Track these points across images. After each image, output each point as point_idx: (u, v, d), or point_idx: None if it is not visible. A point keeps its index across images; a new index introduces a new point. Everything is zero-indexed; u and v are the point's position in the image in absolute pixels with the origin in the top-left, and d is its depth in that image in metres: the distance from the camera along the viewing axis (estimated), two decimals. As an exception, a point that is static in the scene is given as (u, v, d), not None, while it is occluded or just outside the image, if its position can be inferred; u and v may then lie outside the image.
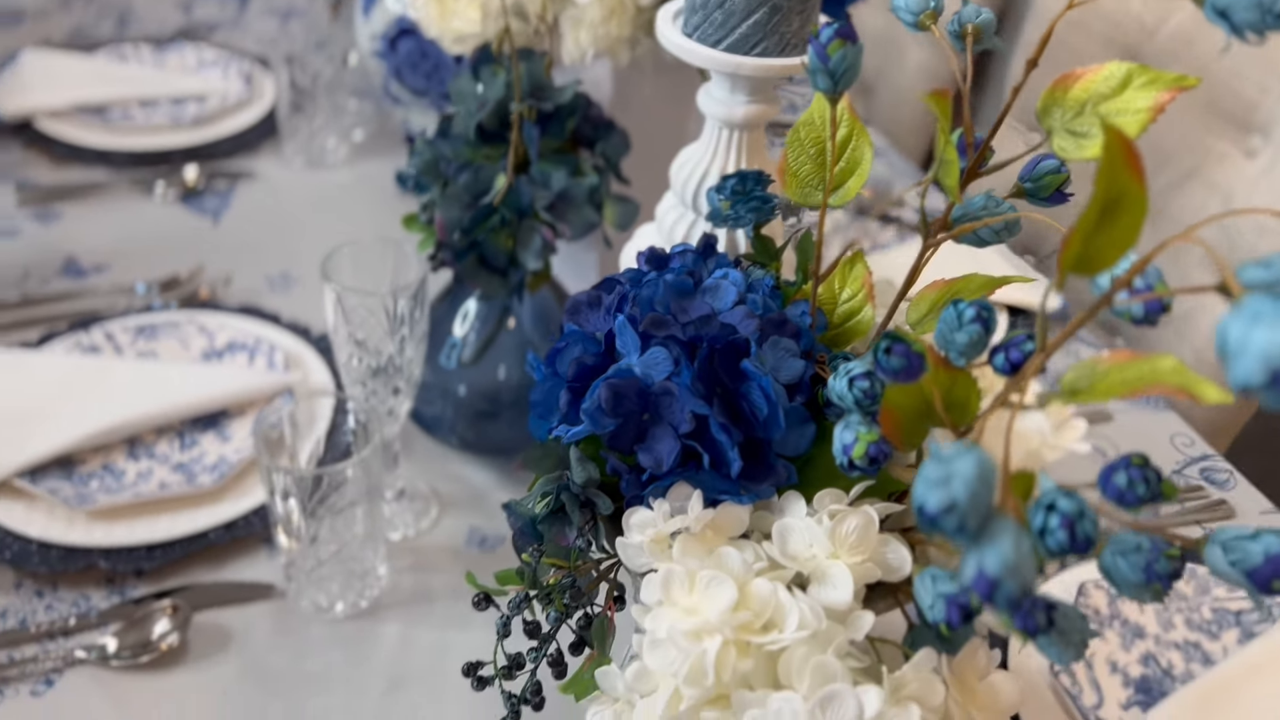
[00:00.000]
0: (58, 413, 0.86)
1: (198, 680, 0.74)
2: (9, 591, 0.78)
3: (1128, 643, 0.79)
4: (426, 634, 0.78)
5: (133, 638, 0.74)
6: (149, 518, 0.81)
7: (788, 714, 0.45)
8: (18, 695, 0.71)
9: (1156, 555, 0.44)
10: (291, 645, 0.76)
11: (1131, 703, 0.75)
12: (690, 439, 0.52)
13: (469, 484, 0.90)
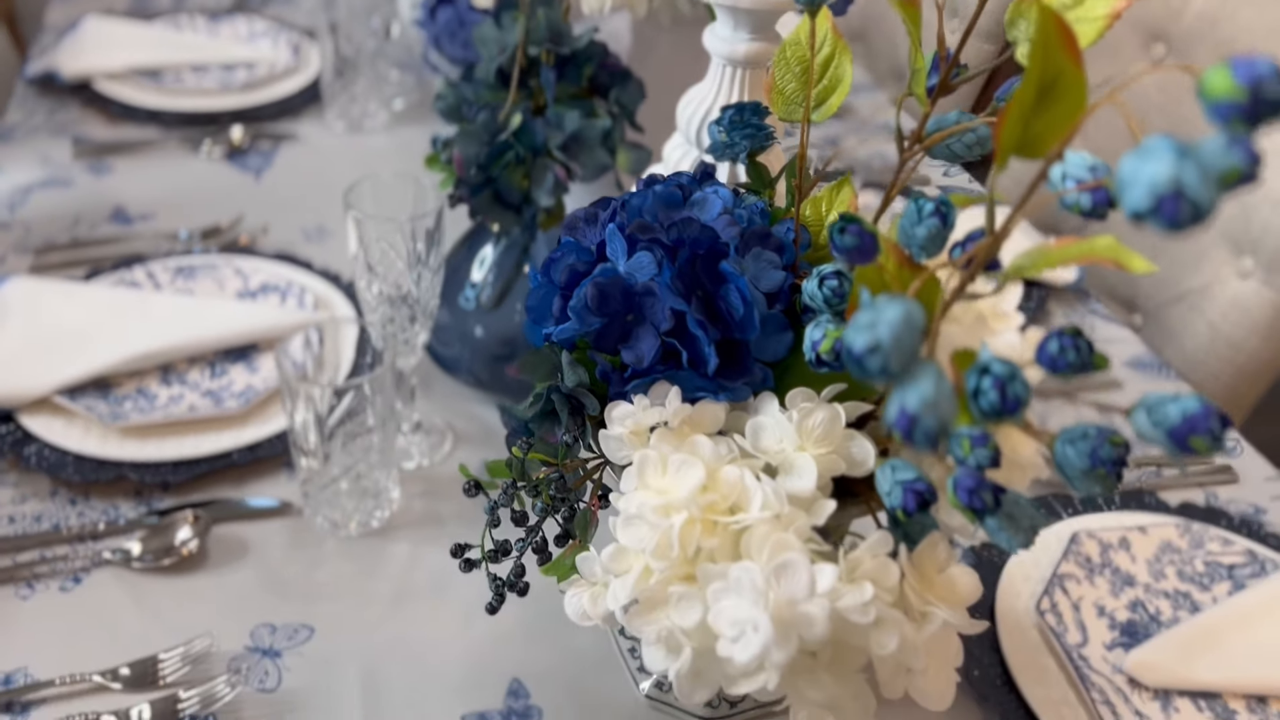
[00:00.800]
0: (98, 338, 0.91)
1: (214, 584, 0.78)
2: (44, 499, 0.83)
3: (1117, 589, 0.80)
4: (434, 554, 0.82)
5: (156, 542, 0.79)
6: (176, 437, 0.86)
7: (746, 582, 0.48)
8: (48, 590, 0.76)
9: (1101, 442, 0.46)
10: (305, 557, 0.80)
11: (1116, 644, 0.76)
12: (671, 337, 0.55)
13: (483, 422, 0.94)
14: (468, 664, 0.74)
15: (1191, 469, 0.95)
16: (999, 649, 0.75)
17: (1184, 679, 0.73)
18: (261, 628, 0.75)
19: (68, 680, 0.69)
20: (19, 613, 0.74)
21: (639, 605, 0.52)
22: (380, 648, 0.74)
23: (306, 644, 0.74)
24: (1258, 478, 0.95)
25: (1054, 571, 0.79)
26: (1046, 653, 0.75)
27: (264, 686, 0.71)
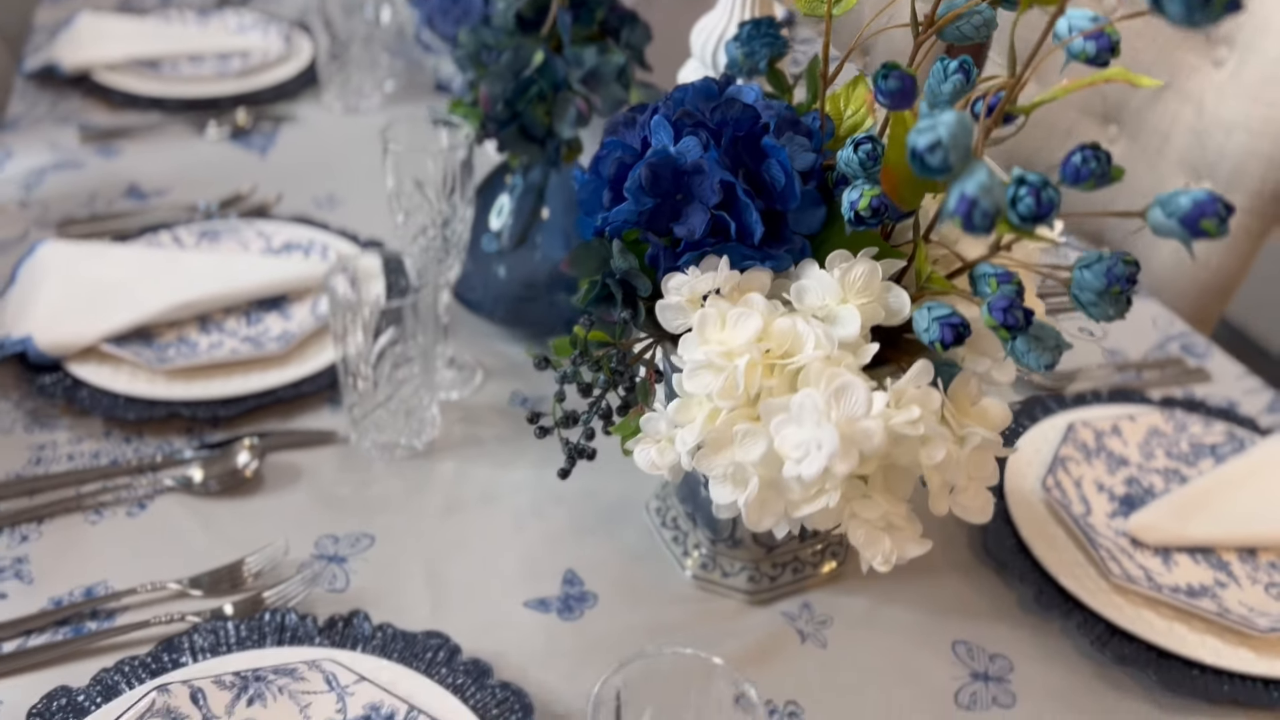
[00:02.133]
0: (136, 291, 0.95)
1: (274, 505, 0.82)
2: (99, 439, 0.86)
3: (1113, 468, 0.87)
4: (478, 471, 0.86)
5: (216, 468, 0.83)
6: (222, 378, 0.90)
7: (808, 406, 0.54)
8: (115, 516, 0.80)
9: (1115, 261, 0.52)
10: (356, 479, 0.85)
11: (1116, 514, 0.83)
12: (719, 210, 0.61)
13: (509, 357, 0.99)
14: (523, 560, 0.79)
15: (1169, 370, 1.02)
16: (1011, 523, 0.81)
17: (1181, 536, 0.80)
18: (324, 539, 0.79)
19: (149, 588, 0.73)
20: (90, 536, 0.78)
21: (706, 448, 0.58)
22: (439, 551, 0.79)
23: (368, 551, 0.79)
24: (1229, 377, 1.03)
25: (1055, 455, 0.86)
26: (1054, 523, 0.81)
27: (334, 588, 0.76)
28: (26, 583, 0.74)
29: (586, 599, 0.76)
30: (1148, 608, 0.75)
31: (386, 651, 0.69)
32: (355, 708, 0.64)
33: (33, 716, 0.63)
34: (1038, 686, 0.72)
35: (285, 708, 0.64)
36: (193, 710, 0.63)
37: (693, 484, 0.77)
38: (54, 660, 0.68)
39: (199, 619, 0.71)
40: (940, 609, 0.77)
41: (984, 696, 0.71)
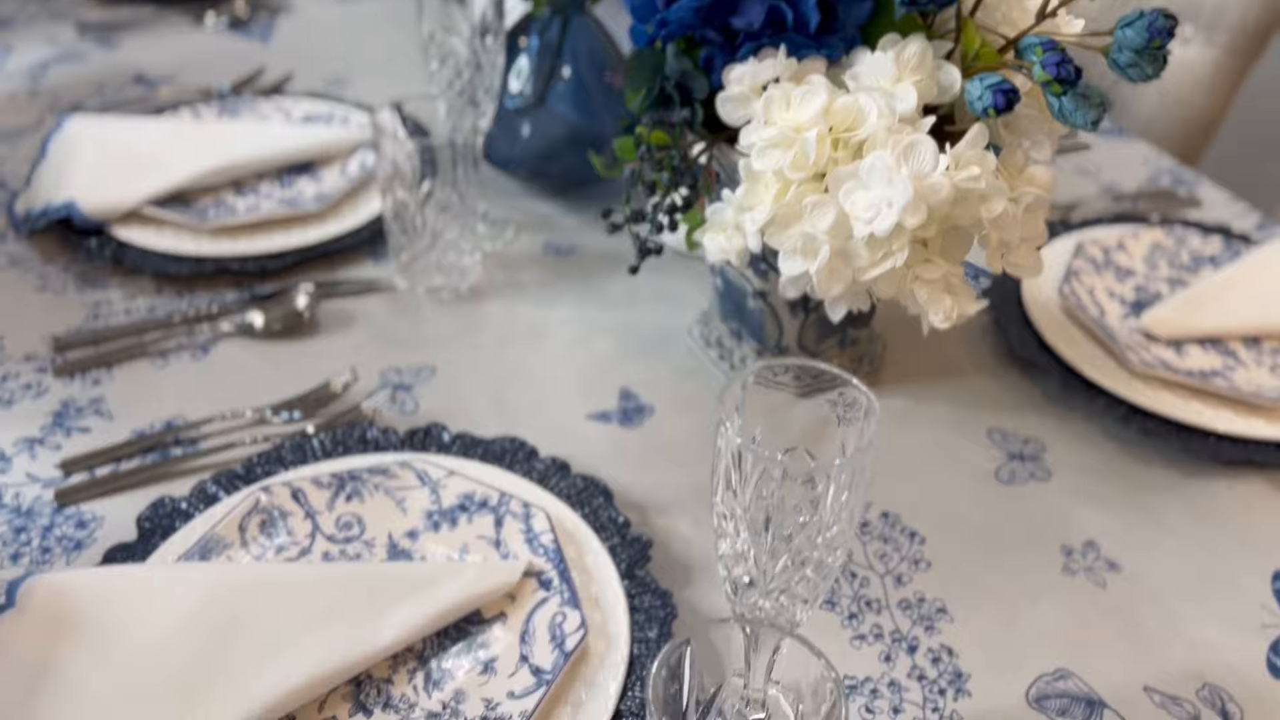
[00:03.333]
0: (169, 157, 0.96)
1: (333, 345, 0.85)
2: (152, 295, 0.88)
3: (1121, 278, 0.92)
4: (524, 311, 0.90)
5: (276, 311, 0.85)
6: (264, 235, 0.92)
7: (878, 167, 0.58)
8: (180, 360, 0.82)
9: (1156, 15, 0.56)
10: (409, 321, 0.88)
11: (1128, 315, 0.89)
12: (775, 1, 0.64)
13: (538, 212, 1.02)
14: (579, 381, 0.83)
15: (1162, 199, 1.08)
16: (1032, 326, 0.86)
17: (1192, 328, 0.86)
18: (388, 371, 0.82)
19: (227, 416, 0.76)
20: (159, 379, 0.80)
21: (776, 224, 0.62)
22: (498, 377, 0.83)
23: (432, 380, 0.82)
24: (1218, 203, 1.09)
25: (1068, 268, 0.91)
26: (1072, 325, 0.87)
27: (404, 411, 0.79)
28: (107, 419, 0.76)
29: (644, 410, 0.81)
30: (1166, 390, 0.81)
31: (468, 455, 0.72)
32: (449, 498, 0.68)
33: (142, 522, 0.66)
34: (1070, 463, 0.78)
35: (382, 502, 0.68)
36: (295, 507, 0.67)
37: (738, 299, 0.81)
38: (147, 481, 0.71)
39: (282, 440, 0.74)
40: (972, 405, 0.83)
41: (1021, 472, 0.77)
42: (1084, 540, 0.72)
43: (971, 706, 0.61)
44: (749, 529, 0.48)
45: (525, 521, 0.66)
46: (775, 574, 0.49)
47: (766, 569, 0.49)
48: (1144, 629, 0.66)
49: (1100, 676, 0.63)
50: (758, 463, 0.46)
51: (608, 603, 0.63)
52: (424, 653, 0.60)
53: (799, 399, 0.53)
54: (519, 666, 0.59)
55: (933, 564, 0.70)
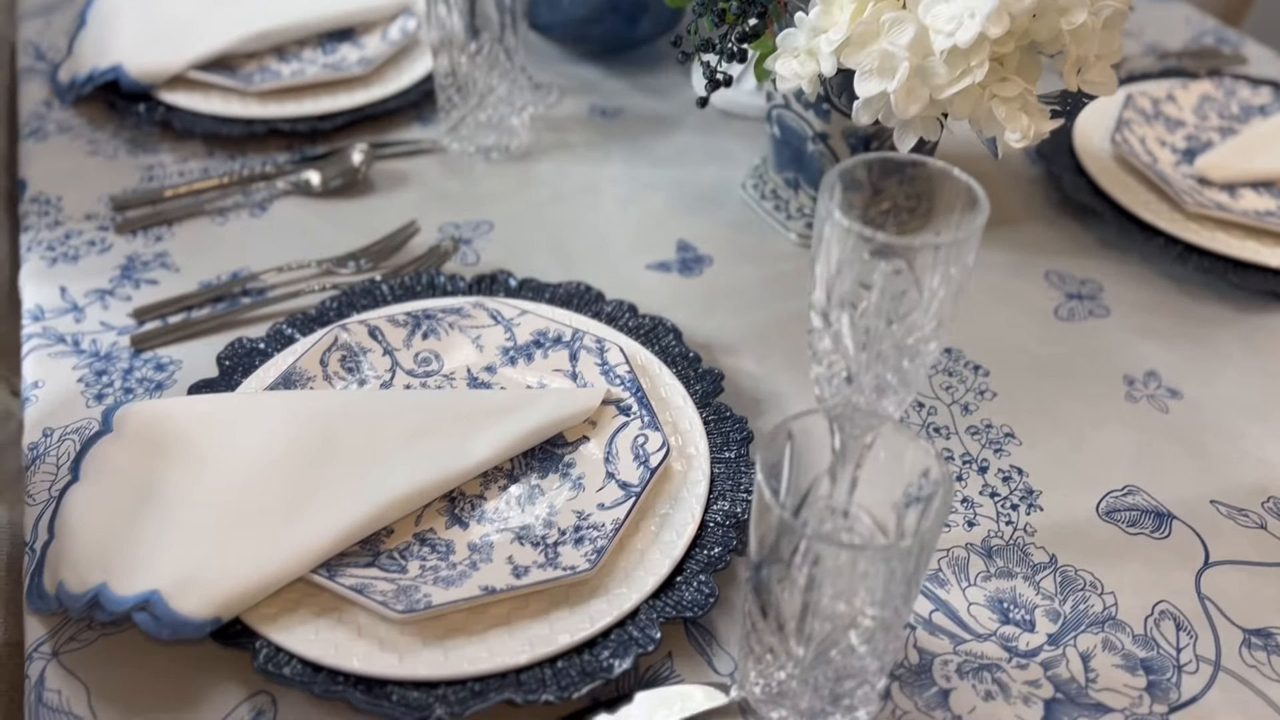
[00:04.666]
0: (212, 24, 0.95)
1: (389, 202, 0.85)
2: (204, 158, 0.88)
3: (1172, 129, 0.92)
4: (574, 169, 0.90)
5: (332, 169, 0.85)
6: (312, 99, 0.92)
7: (960, -23, 0.57)
8: (239, 218, 0.82)
9: None
10: (462, 179, 0.88)
11: (1180, 163, 0.89)
12: None
13: (581, 77, 1.01)
14: (635, 234, 0.83)
15: (1206, 57, 1.07)
16: (1085, 174, 0.86)
17: (1245, 171, 0.86)
18: (446, 225, 0.83)
19: (293, 266, 0.76)
20: (220, 235, 0.81)
21: (852, 43, 0.62)
22: (556, 230, 0.83)
23: (490, 234, 0.82)
24: (1263, 59, 1.08)
25: (1118, 118, 0.91)
26: (1125, 172, 0.87)
27: (466, 263, 0.80)
28: (174, 271, 0.77)
29: (703, 260, 0.81)
30: (1220, 230, 0.81)
31: (536, 298, 0.73)
32: (523, 335, 0.69)
33: (222, 360, 0.67)
34: (1127, 301, 0.79)
35: (458, 339, 0.69)
36: (373, 344, 0.67)
37: (796, 145, 0.81)
38: (220, 327, 0.72)
39: (351, 286, 0.75)
40: (1028, 249, 0.83)
41: (1080, 310, 0.78)
42: (1145, 371, 0.73)
43: (1043, 519, 0.63)
44: (847, 318, 0.48)
45: (600, 355, 0.67)
46: (869, 365, 0.50)
47: (861, 361, 0.50)
48: (1208, 450, 0.68)
49: (1167, 492, 0.65)
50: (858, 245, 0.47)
51: (685, 428, 0.64)
52: (513, 471, 0.62)
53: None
54: (606, 482, 0.60)
55: (998, 394, 0.71)
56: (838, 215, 0.46)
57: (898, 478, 0.50)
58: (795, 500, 0.52)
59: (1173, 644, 0.57)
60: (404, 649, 0.52)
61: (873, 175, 0.50)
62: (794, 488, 0.51)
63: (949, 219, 0.50)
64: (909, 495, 0.50)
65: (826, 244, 0.48)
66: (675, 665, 0.55)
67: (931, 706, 0.53)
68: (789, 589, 0.46)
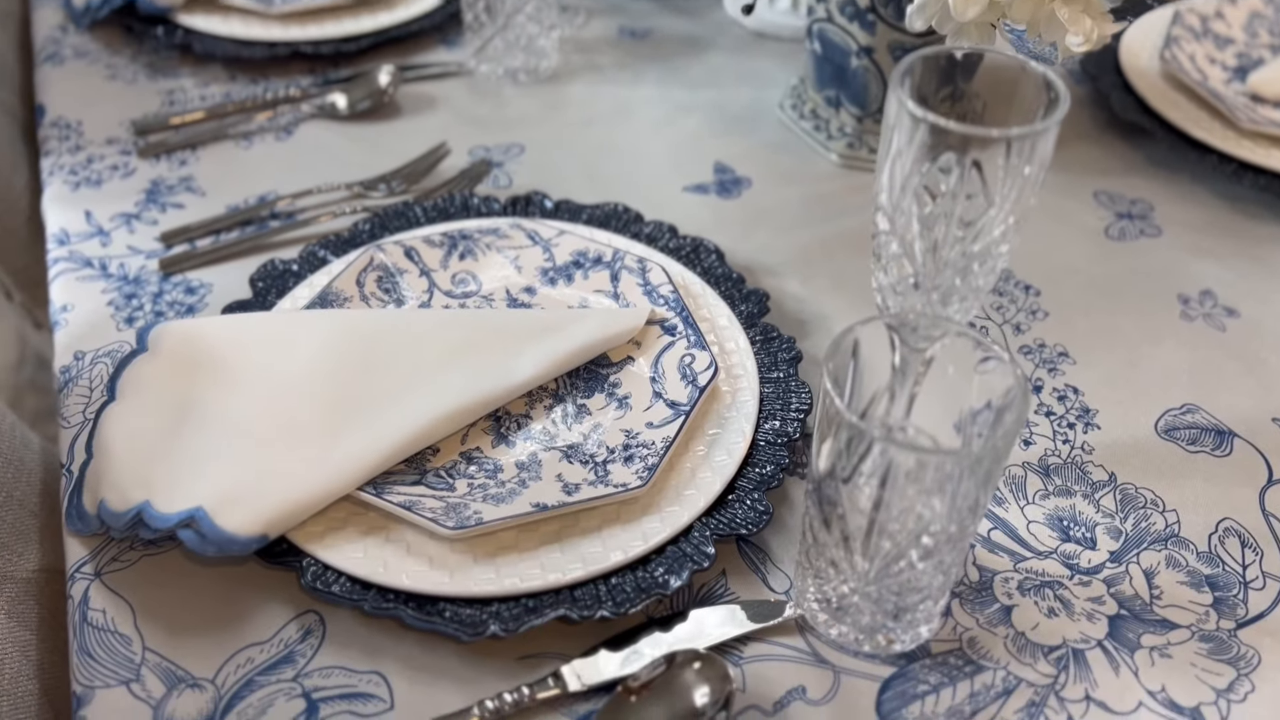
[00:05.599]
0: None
1: (417, 126, 0.83)
2: (226, 83, 0.86)
3: (1221, 47, 0.89)
4: (606, 90, 0.87)
5: (358, 92, 0.83)
6: (334, 21, 0.89)
7: None
8: (265, 142, 0.80)
9: None
10: (491, 102, 0.85)
11: (1231, 80, 0.86)
12: None
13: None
14: (671, 156, 0.81)
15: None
16: (1134, 93, 0.84)
17: (1299, 85, 0.83)
18: (476, 148, 0.81)
19: (323, 189, 0.74)
20: (246, 158, 0.79)
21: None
22: (589, 153, 0.81)
23: (521, 156, 0.80)
24: (1311, -21, 1.05)
25: (1167, 35, 0.88)
26: (1174, 90, 0.84)
27: (498, 185, 0.77)
28: (200, 195, 0.75)
29: (741, 182, 0.79)
30: (1275, 147, 0.79)
31: (574, 219, 0.71)
32: (562, 255, 0.67)
33: (255, 282, 0.65)
34: (1179, 221, 0.77)
35: (496, 260, 0.67)
36: (409, 265, 0.66)
37: (839, 61, 0.78)
38: (249, 251, 0.70)
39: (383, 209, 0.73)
40: (1077, 170, 0.81)
41: (1131, 230, 0.76)
42: (1200, 289, 0.71)
43: (1101, 438, 0.61)
44: (916, 220, 0.46)
45: (642, 275, 0.65)
46: (938, 270, 0.48)
47: (930, 267, 0.48)
48: (1269, 367, 0.66)
49: (1228, 410, 0.63)
50: (929, 139, 0.45)
51: (731, 347, 0.62)
52: (558, 391, 0.60)
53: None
54: (654, 401, 0.59)
55: (1050, 313, 0.69)
56: (911, 105, 0.44)
57: (963, 390, 0.48)
58: (855, 415, 0.50)
59: (1239, 561, 0.55)
60: (454, 566, 0.51)
61: (942, 68, 0.48)
62: (855, 402, 0.49)
63: (1022, 117, 0.48)
64: (975, 408, 0.48)
65: (896, 139, 0.46)
66: (730, 583, 0.53)
67: (994, 623, 0.52)
68: (855, 500, 0.45)
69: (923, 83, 0.48)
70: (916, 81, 0.47)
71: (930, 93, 0.49)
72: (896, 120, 0.46)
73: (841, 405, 0.43)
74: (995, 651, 0.51)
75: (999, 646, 0.51)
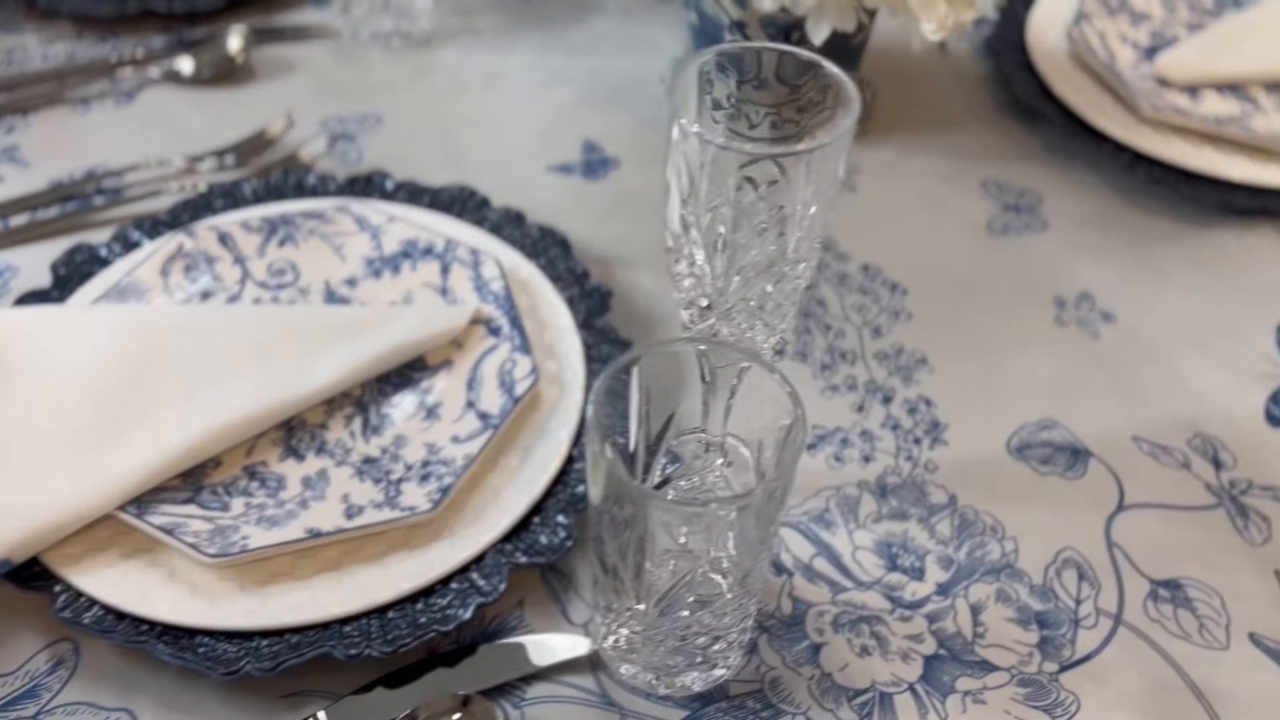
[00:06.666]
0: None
1: (270, 93, 0.77)
2: (72, 40, 0.80)
3: (1135, 23, 0.84)
4: (480, 56, 0.82)
5: (207, 56, 0.78)
6: (193, -24, 0.83)
7: None
8: (103, 107, 0.75)
9: None
10: (354, 67, 0.80)
11: (1141, 61, 0.81)
12: None
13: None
14: (539, 131, 0.76)
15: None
16: (1036, 74, 0.79)
17: (1209, 73, 0.79)
18: (330, 119, 0.76)
19: (153, 164, 0.70)
20: (80, 125, 0.74)
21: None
22: (451, 126, 0.76)
23: (377, 128, 0.75)
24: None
25: (1078, 11, 0.83)
26: (1079, 71, 0.79)
27: (347, 161, 0.73)
28: (23, 166, 0.70)
29: (609, 163, 0.74)
30: (1176, 136, 0.74)
31: (413, 203, 0.66)
32: (391, 244, 0.62)
33: (57, 268, 0.61)
34: (1068, 214, 0.72)
35: (318, 248, 0.62)
36: (222, 252, 0.61)
37: (714, 34, 0.73)
38: (67, 230, 0.66)
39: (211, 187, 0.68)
40: (967, 156, 0.76)
41: (1016, 224, 0.71)
42: (1078, 291, 0.67)
43: (947, 455, 0.58)
44: (704, 238, 0.42)
45: (474, 269, 0.61)
46: (733, 290, 0.44)
47: (724, 285, 0.44)
48: (1137, 379, 0.62)
49: (1087, 426, 0.59)
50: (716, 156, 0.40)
51: (562, 351, 0.58)
52: (362, 398, 0.56)
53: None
54: (464, 412, 0.55)
55: (914, 315, 0.65)
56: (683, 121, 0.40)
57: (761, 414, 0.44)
58: (650, 434, 0.47)
59: (1073, 595, 0.52)
60: (218, 595, 0.47)
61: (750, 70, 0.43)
62: (650, 421, 0.46)
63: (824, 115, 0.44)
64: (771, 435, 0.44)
65: (675, 150, 0.42)
66: (527, 614, 0.50)
67: (800, 662, 0.49)
68: (622, 541, 0.41)
69: (707, 86, 0.43)
70: (700, 85, 0.43)
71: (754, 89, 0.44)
72: (672, 126, 0.42)
73: (600, 446, 0.39)
74: (798, 695, 0.48)
75: (802, 689, 0.48)
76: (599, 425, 0.39)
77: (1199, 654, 0.50)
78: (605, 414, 0.41)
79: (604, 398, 0.41)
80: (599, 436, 0.39)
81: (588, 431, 0.39)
